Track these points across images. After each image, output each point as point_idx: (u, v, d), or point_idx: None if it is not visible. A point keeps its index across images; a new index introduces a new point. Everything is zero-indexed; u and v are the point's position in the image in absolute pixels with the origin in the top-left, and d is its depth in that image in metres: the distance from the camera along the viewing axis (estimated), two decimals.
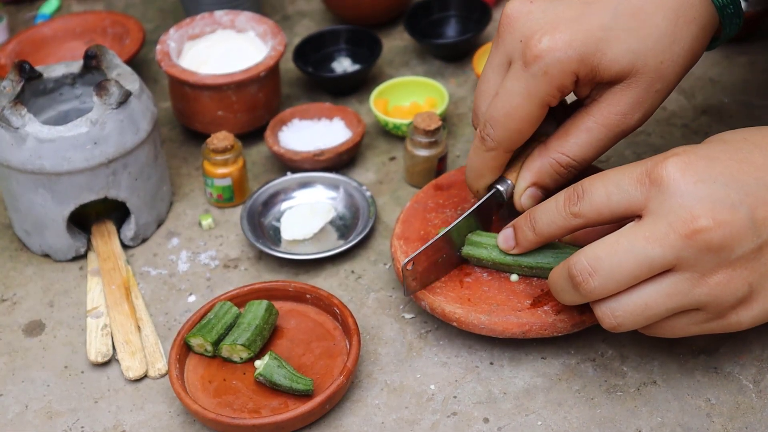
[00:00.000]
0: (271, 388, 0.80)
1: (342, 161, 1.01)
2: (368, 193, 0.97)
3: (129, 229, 0.96)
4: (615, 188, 0.71)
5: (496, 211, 0.85)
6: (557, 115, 0.82)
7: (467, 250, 0.83)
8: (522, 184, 0.81)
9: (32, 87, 0.95)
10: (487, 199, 0.83)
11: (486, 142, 0.78)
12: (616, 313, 0.72)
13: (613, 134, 0.77)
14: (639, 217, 0.71)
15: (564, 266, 0.73)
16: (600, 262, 0.70)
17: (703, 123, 1.04)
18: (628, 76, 0.75)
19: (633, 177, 0.71)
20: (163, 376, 0.84)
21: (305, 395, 0.79)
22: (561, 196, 0.75)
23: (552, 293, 0.77)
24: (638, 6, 0.74)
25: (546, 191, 0.80)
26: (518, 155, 0.82)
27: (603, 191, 0.72)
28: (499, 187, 0.82)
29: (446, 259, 0.83)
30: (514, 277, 0.83)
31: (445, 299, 0.82)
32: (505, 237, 0.81)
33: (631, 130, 0.77)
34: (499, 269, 0.83)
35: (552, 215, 0.75)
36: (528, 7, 0.76)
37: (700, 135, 1.03)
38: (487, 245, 0.82)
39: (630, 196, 0.71)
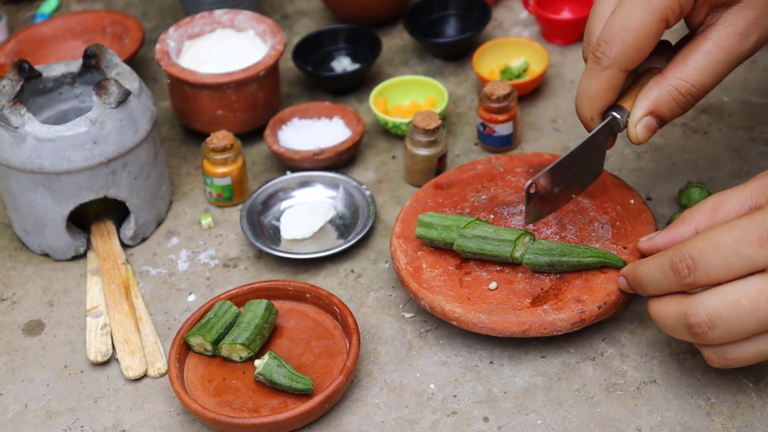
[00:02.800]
0: (270, 387, 0.80)
1: (341, 160, 1.01)
2: (368, 192, 0.96)
3: (128, 229, 0.95)
4: (734, 257, 0.68)
5: (612, 142, 0.82)
6: (668, 55, 0.80)
7: (419, 231, 0.85)
8: (638, 113, 0.77)
9: (31, 86, 0.95)
10: (602, 126, 0.79)
11: (601, 60, 0.75)
12: (728, 357, 0.71)
13: (732, 57, 0.75)
14: (762, 270, 0.68)
15: (679, 311, 0.71)
16: (720, 319, 0.69)
17: (702, 122, 1.04)
18: None
19: (752, 240, 0.67)
20: (162, 375, 0.84)
21: (305, 394, 0.79)
22: (667, 264, 0.71)
23: (658, 325, 0.75)
24: None
25: (662, 121, 0.78)
26: (633, 85, 0.79)
27: (720, 261, 0.68)
28: (615, 114, 0.78)
29: (561, 192, 0.82)
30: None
31: (445, 298, 0.82)
32: (621, 285, 0.80)
33: (747, 54, 0.76)
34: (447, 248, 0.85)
35: (661, 284, 0.73)
36: None
37: (699, 134, 1.02)
38: (438, 226, 0.84)
39: (753, 261, 0.67)
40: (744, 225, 0.68)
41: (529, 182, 0.78)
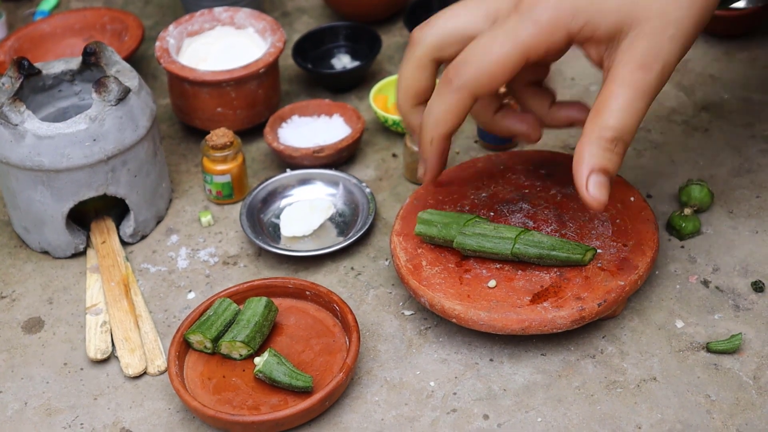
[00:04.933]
0: (270, 384, 0.80)
1: (341, 158, 1.01)
2: (368, 190, 0.96)
3: (128, 226, 0.95)
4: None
5: None
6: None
7: (418, 228, 0.85)
8: (582, 176, 0.74)
9: (31, 84, 0.95)
10: None
11: (453, 81, 0.74)
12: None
13: (641, 92, 0.72)
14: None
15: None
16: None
17: (703, 119, 1.04)
18: (632, 25, 0.71)
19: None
20: (162, 373, 0.84)
21: (305, 392, 0.79)
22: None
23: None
24: None
25: (609, 174, 0.74)
26: None
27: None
28: None
29: None
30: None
31: (445, 296, 0.82)
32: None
33: (658, 84, 0.72)
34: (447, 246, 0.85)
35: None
36: None
37: (700, 131, 1.02)
38: (438, 223, 0.84)
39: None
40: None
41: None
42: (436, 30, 0.76)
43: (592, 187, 0.73)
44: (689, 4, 0.71)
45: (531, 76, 0.82)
